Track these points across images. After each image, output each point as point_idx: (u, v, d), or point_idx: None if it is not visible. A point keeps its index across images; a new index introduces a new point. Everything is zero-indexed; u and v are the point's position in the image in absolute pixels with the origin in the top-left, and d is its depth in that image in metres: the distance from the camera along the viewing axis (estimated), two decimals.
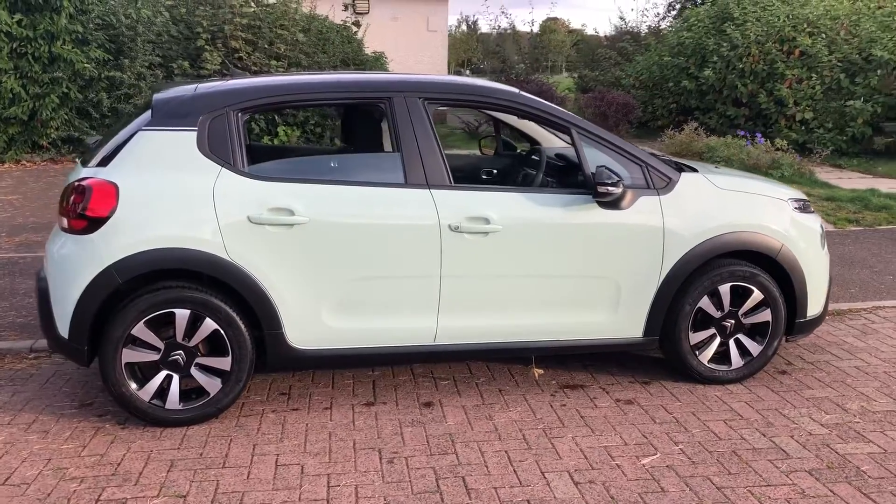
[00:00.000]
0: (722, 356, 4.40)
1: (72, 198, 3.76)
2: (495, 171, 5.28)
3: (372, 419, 3.98)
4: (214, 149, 3.82)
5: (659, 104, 16.99)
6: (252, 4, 12.42)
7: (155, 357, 3.82)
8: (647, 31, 21.47)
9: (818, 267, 4.49)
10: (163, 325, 3.80)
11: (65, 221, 3.79)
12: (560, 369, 4.57)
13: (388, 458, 3.59)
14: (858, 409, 4.10)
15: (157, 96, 3.99)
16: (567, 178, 4.54)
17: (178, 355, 3.82)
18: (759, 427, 3.90)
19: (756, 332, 4.41)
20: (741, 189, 4.43)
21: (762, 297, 4.34)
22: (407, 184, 3.96)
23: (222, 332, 3.81)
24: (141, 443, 3.73)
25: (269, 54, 11.87)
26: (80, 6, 11.85)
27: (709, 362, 4.38)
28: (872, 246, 7.66)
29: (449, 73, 22.51)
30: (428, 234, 3.93)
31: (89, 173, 3.80)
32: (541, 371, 4.53)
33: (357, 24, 14.26)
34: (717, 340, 4.37)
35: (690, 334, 4.31)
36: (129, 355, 3.78)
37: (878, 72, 13.35)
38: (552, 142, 5.49)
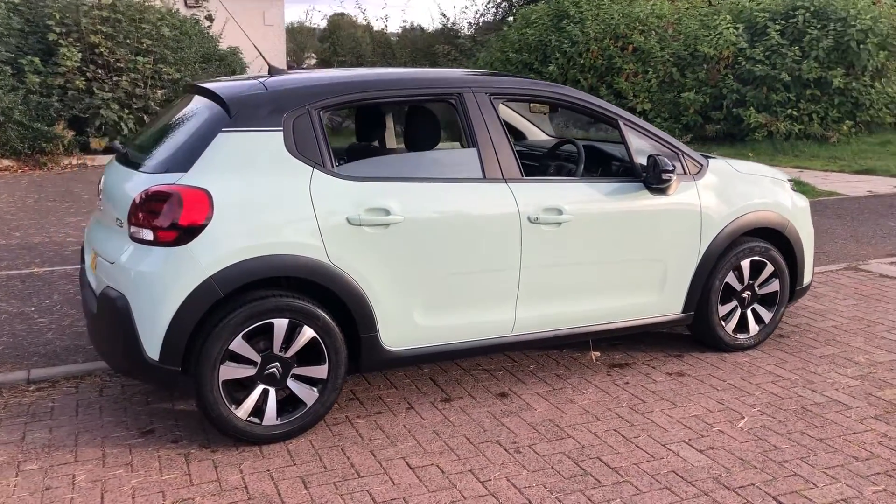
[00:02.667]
0: (740, 325, 4.83)
1: (154, 207, 3.45)
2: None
3: (462, 414, 4.00)
4: (302, 149, 3.66)
5: None
6: None
7: (251, 372, 3.60)
8: (471, 28, 22.22)
9: (809, 240, 5.04)
10: (259, 337, 3.59)
11: (146, 233, 3.46)
12: (599, 351, 4.79)
13: (512, 449, 3.63)
14: (866, 361, 4.67)
15: (226, 94, 3.73)
16: (602, 167, 4.76)
17: (275, 368, 3.63)
18: (805, 385, 4.34)
19: (766, 301, 4.88)
20: (755, 172, 4.88)
21: (773, 269, 4.81)
22: (485, 178, 4.00)
23: (320, 339, 3.67)
24: (249, 463, 3.51)
25: (133, 50, 11.06)
26: None
27: (732, 332, 4.79)
28: None
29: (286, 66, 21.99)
30: (509, 226, 4.00)
31: (168, 179, 3.50)
32: (598, 353, 4.73)
33: (210, 17, 13.62)
34: (739, 311, 4.79)
35: (719, 307, 4.70)
36: (227, 372, 3.54)
37: (705, 66, 14.77)
38: (537, 135, 5.71)
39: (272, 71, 4.14)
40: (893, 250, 7.41)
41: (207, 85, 4.02)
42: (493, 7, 23.47)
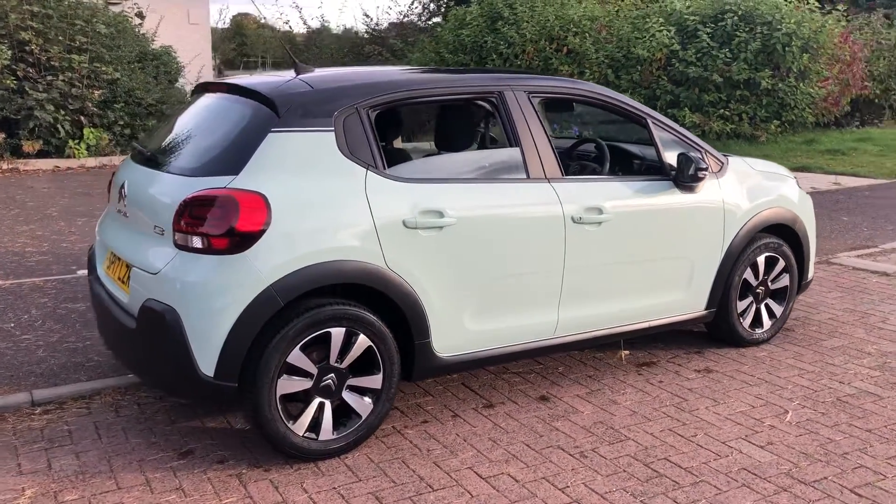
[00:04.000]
0: (755, 320, 4.90)
1: (204, 212, 3.22)
2: None
3: (510, 419, 3.90)
4: (354, 150, 3.49)
5: None
6: None
7: (308, 384, 3.41)
8: (394, 30, 22.08)
9: (813, 235, 5.17)
10: (313, 347, 3.40)
11: (195, 240, 3.23)
12: (617, 348, 4.78)
13: (577, 453, 3.57)
14: (877, 351, 4.82)
15: (272, 93, 3.52)
16: (620, 166, 4.75)
17: (331, 379, 3.45)
18: (830, 377, 4.43)
19: (776, 296, 4.98)
20: (768, 169, 4.97)
21: (784, 264, 4.91)
22: (529, 178, 3.92)
23: (375, 348, 3.51)
24: (311, 481, 3.32)
25: (66, 48, 10.45)
26: None
27: (749, 327, 4.86)
28: None
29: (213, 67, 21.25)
30: (555, 227, 3.93)
31: (218, 182, 3.27)
32: (627, 353, 4.71)
33: (140, 15, 13.04)
34: (754, 307, 4.87)
35: (738, 303, 4.76)
36: (284, 386, 3.35)
37: (639, 67, 15.09)
38: None
39: (298, 69, 3.95)
40: (854, 244, 7.71)
41: (242, 82, 3.79)
42: (417, 7, 23.42)
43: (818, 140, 14.66)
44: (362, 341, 3.47)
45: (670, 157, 4.39)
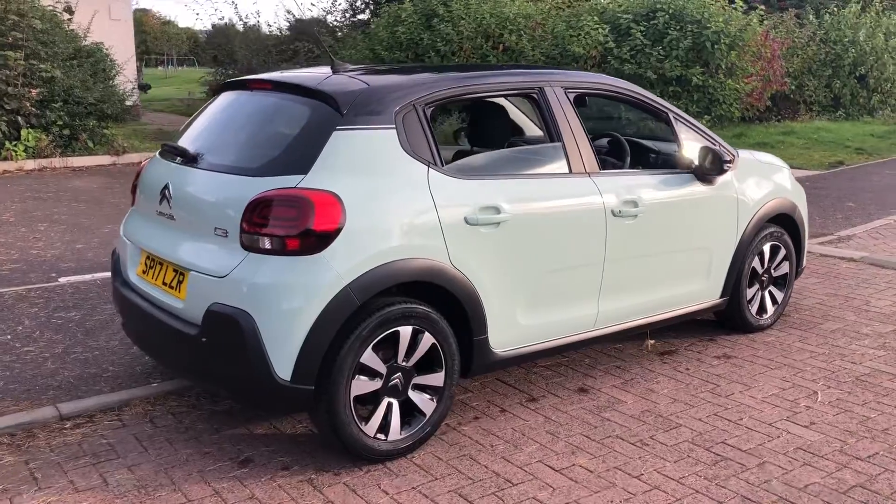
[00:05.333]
0: (760, 307, 5.10)
1: (277, 212, 3.13)
2: None
3: (558, 412, 3.94)
4: (414, 147, 3.46)
5: None
6: None
7: (378, 385, 3.36)
8: (317, 27, 21.81)
9: (806, 223, 5.41)
10: (382, 347, 3.36)
11: (267, 241, 3.14)
12: (637, 339, 4.88)
13: (638, 442, 3.63)
14: (873, 332, 5.08)
15: (333, 91, 3.44)
16: (637, 160, 4.86)
17: (398, 379, 3.42)
18: (840, 358, 4.65)
19: (776, 283, 5.18)
20: (770, 161, 5.16)
21: (785, 252, 5.12)
22: (571, 172, 3.97)
23: (438, 346, 3.49)
24: (387, 482, 3.28)
25: (0, 44, 9.91)
26: None
27: (755, 313, 5.05)
28: None
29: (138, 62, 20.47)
30: (597, 220, 3.99)
31: (288, 182, 3.19)
32: (653, 342, 4.82)
33: (69, 10, 12.45)
34: (760, 294, 5.06)
35: (747, 291, 4.94)
36: (358, 387, 3.29)
37: (575, 65, 15.37)
38: (534, 130, 5.73)
39: (335, 67, 3.87)
40: (812, 232, 8.04)
41: (295, 80, 3.70)
42: (341, 4, 23.20)
43: (747, 134, 15.27)
44: (427, 339, 3.44)
45: (690, 151, 4.51)
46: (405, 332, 3.37)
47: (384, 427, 3.40)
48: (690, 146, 4.54)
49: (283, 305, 3.11)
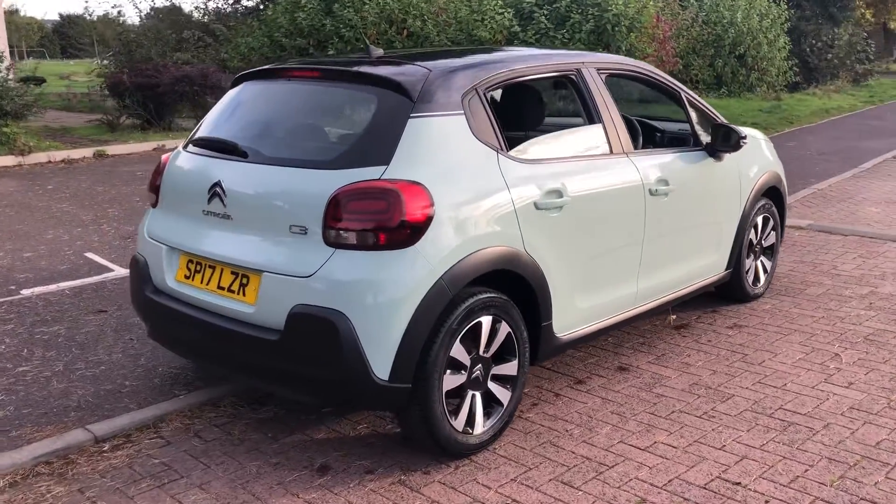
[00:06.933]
0: (755, 277, 5.30)
1: (365, 206, 2.98)
2: None
3: (612, 392, 3.97)
4: (482, 133, 3.36)
5: None
6: None
7: (463, 378, 3.27)
8: (204, 15, 20.98)
9: (786, 193, 5.66)
10: (466, 339, 3.26)
11: (353, 236, 2.98)
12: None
13: (703, 415, 3.70)
14: (857, 295, 5.38)
15: (401, 78, 3.28)
16: (650, 138, 4.92)
17: (479, 370, 3.34)
18: (839, 320, 4.90)
19: (765, 252, 5.41)
20: (754, 135, 5.34)
21: (773, 223, 5.35)
22: (612, 153, 3.98)
23: (513, 335, 3.43)
24: (483, 476, 3.20)
25: None
26: None
27: (752, 283, 5.25)
28: None
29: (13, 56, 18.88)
30: (638, 199, 4.03)
31: (372, 174, 3.03)
32: (674, 317, 4.90)
33: None
34: (754, 264, 5.26)
35: (746, 262, 5.13)
36: (448, 381, 3.19)
37: None
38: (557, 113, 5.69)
39: (370, 52, 3.72)
40: None
41: (351, 68, 3.51)
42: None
43: None
44: (504, 328, 3.38)
45: (703, 129, 4.62)
46: (486, 322, 3.28)
47: (470, 421, 3.31)
48: (703, 124, 4.66)
49: (380, 302, 2.96)
